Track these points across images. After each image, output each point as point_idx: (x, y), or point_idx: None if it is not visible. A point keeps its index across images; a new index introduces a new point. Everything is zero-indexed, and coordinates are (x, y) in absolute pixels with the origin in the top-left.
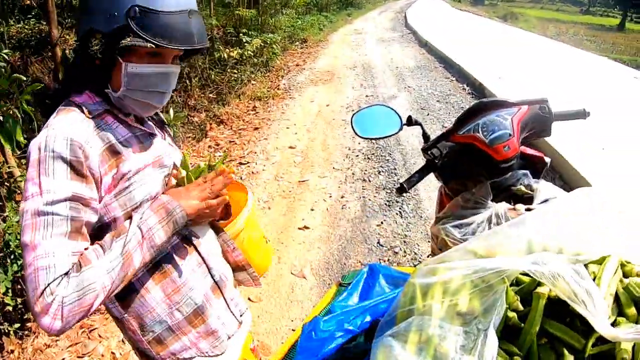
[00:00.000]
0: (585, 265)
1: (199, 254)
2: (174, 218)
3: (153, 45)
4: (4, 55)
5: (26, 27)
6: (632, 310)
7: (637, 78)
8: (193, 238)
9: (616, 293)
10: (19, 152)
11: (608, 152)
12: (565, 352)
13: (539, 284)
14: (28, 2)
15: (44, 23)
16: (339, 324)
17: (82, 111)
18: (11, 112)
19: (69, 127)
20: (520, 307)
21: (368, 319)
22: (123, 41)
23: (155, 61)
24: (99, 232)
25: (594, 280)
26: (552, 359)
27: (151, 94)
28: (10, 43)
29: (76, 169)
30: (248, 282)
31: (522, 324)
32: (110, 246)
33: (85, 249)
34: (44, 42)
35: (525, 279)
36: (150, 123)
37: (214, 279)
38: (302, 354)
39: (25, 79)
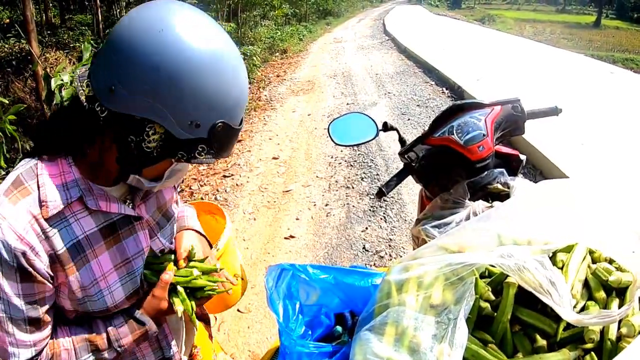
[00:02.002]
0: (554, 254)
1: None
2: (150, 334)
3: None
4: None
5: (6, 45)
6: (601, 294)
7: (613, 73)
8: None
9: (586, 279)
10: (3, 173)
11: (587, 147)
12: (538, 337)
13: (507, 274)
14: (7, 20)
15: (24, 42)
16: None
17: (40, 201)
18: None
19: (14, 229)
20: (492, 297)
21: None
22: (199, 156)
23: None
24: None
25: (561, 268)
26: (525, 345)
27: (170, 183)
28: None
29: (23, 276)
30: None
31: (495, 313)
32: (81, 355)
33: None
34: (25, 61)
35: (496, 270)
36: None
37: (164, 355)
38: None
39: (7, 102)
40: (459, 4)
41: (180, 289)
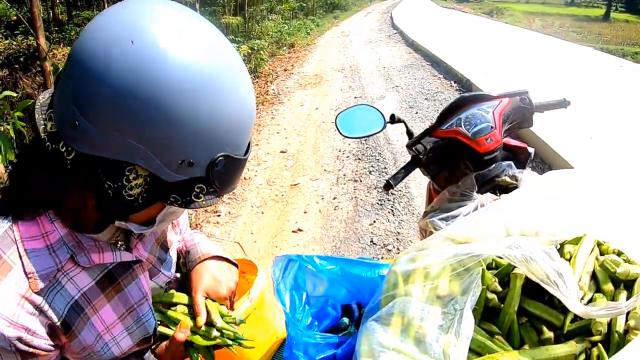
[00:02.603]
0: (562, 246)
1: None
2: None
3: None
4: None
5: (14, 42)
6: (608, 287)
7: (622, 67)
8: None
9: (594, 271)
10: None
11: (596, 141)
12: (545, 329)
13: (515, 266)
14: (15, 18)
15: (32, 38)
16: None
17: (26, 274)
18: (3, 129)
19: (2, 317)
20: (499, 289)
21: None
22: (197, 199)
23: None
24: None
25: (569, 260)
26: (532, 337)
27: (164, 226)
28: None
29: (23, 352)
30: None
31: (502, 305)
32: None
33: None
34: (33, 57)
35: (503, 261)
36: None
37: None
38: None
39: (15, 95)
40: None
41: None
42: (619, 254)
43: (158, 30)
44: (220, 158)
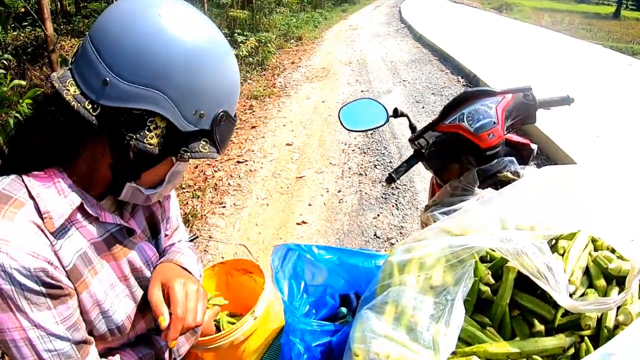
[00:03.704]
0: (556, 241)
1: None
2: None
3: (218, 155)
4: (4, 62)
5: (22, 34)
6: (601, 282)
7: (631, 65)
8: None
9: (587, 267)
10: None
11: (602, 139)
12: (536, 322)
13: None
14: (22, 9)
15: (40, 30)
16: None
17: (39, 210)
18: (12, 117)
19: (24, 249)
20: (492, 281)
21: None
22: (203, 150)
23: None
24: None
25: (562, 255)
26: (524, 329)
27: (169, 189)
28: (7, 50)
29: (54, 297)
30: None
31: (495, 297)
32: None
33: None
34: (41, 49)
35: (497, 255)
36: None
37: None
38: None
39: (25, 83)
40: None
41: None
42: (613, 250)
43: (174, 9)
44: (222, 113)
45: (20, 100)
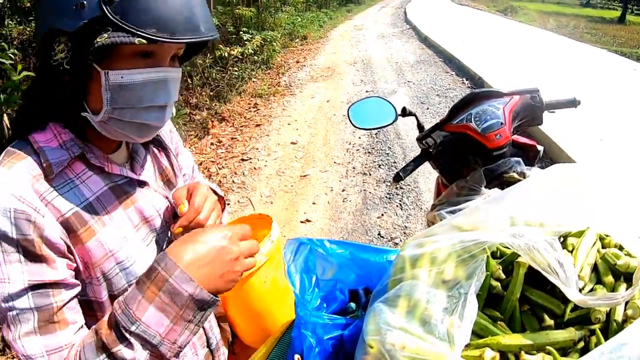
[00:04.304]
0: (565, 238)
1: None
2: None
3: (144, 41)
4: (10, 55)
5: (27, 29)
6: (609, 279)
7: (636, 70)
8: None
9: (595, 263)
10: None
11: (606, 143)
12: (546, 317)
13: (518, 254)
14: (29, 4)
15: None
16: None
17: (40, 163)
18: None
19: (11, 191)
20: (503, 276)
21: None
22: (99, 39)
23: (148, 64)
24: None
25: (571, 251)
26: (533, 324)
27: (148, 111)
28: (13, 45)
29: (28, 251)
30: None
31: (505, 292)
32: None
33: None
34: None
35: (508, 250)
36: (146, 153)
37: (210, 348)
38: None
39: (34, 75)
40: None
41: None
42: (621, 248)
43: None
44: None
45: None
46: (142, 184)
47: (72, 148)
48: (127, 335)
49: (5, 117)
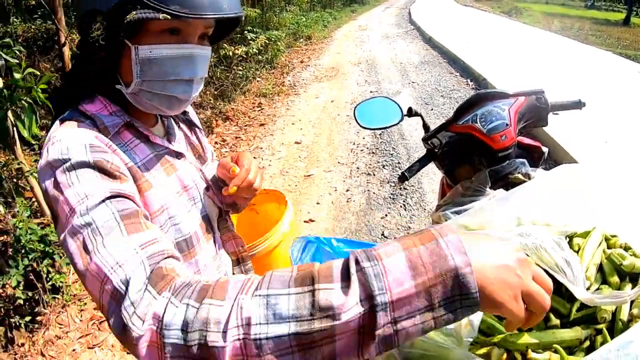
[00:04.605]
0: (571, 239)
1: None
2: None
3: (167, 16)
4: (16, 52)
5: (32, 26)
6: (614, 279)
7: None
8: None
9: (600, 263)
10: (33, 144)
11: (610, 145)
12: (552, 316)
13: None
14: (34, 2)
15: (50, 23)
16: None
17: (97, 125)
18: (26, 103)
19: (82, 135)
20: None
21: None
22: (128, 16)
23: (175, 40)
24: None
25: (577, 251)
26: (540, 323)
27: (175, 84)
28: (18, 42)
29: (105, 171)
30: None
31: None
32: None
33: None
34: (51, 42)
35: None
36: (178, 131)
37: None
38: None
39: (39, 73)
40: None
41: None
42: (627, 248)
43: None
44: None
45: (35, 86)
46: (180, 155)
47: (122, 116)
48: (352, 272)
49: (10, 114)
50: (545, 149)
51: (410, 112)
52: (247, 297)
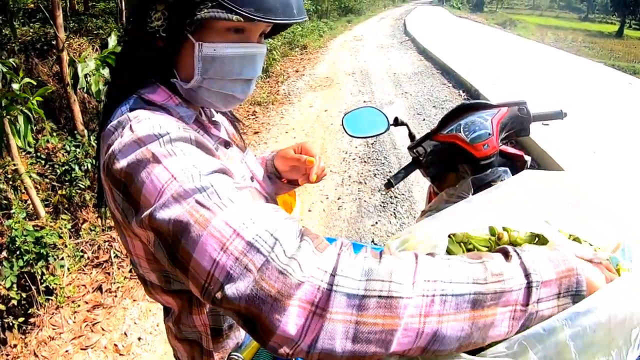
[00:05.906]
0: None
1: None
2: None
3: (241, 18)
4: (12, 63)
5: (31, 30)
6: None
7: (631, 84)
8: None
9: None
10: (27, 150)
11: (598, 156)
12: None
13: None
14: (32, 5)
15: (49, 27)
16: None
17: (171, 115)
18: (21, 113)
19: (168, 118)
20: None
21: None
22: (199, 13)
23: (238, 39)
24: None
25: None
26: None
27: (234, 83)
28: (16, 45)
29: (206, 148)
30: None
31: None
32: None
33: None
34: (49, 46)
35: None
36: (223, 125)
37: None
38: None
39: (35, 83)
40: (481, 7)
41: None
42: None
43: None
44: None
45: (31, 98)
46: (228, 144)
47: (188, 107)
48: (512, 254)
49: (6, 121)
50: (528, 158)
51: (397, 122)
52: (428, 259)
